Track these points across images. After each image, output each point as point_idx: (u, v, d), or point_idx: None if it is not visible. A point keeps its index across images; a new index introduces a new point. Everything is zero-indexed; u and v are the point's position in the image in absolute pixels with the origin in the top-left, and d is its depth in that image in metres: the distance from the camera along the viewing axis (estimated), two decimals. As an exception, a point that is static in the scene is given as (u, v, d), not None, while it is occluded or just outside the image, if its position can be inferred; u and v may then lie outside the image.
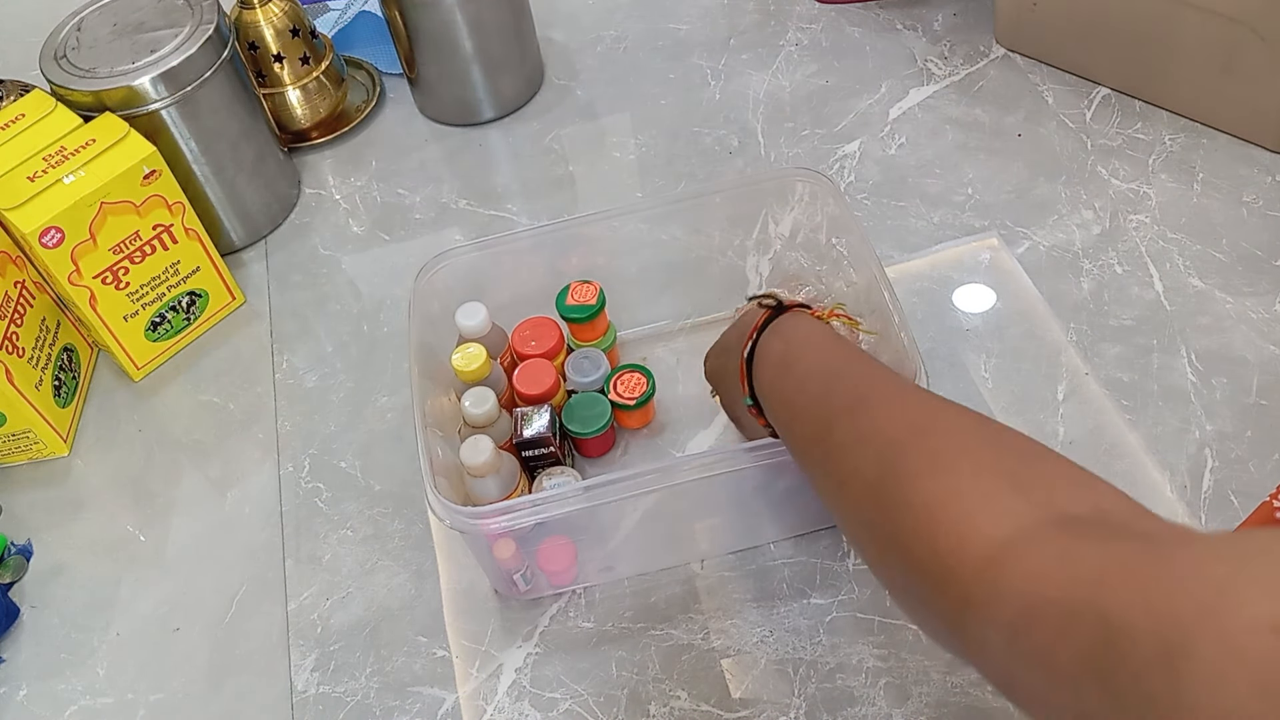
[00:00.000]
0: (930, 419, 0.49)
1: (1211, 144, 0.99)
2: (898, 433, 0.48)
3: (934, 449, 0.46)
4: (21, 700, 0.78)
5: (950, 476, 0.44)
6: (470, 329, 0.81)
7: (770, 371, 0.61)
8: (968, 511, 0.42)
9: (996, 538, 0.40)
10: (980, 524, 0.41)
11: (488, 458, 0.72)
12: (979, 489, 0.43)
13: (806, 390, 0.57)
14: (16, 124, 0.91)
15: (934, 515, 0.43)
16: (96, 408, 0.96)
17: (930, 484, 0.44)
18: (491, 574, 0.78)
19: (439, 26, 1.07)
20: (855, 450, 0.50)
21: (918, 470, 0.45)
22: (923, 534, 0.43)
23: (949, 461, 0.45)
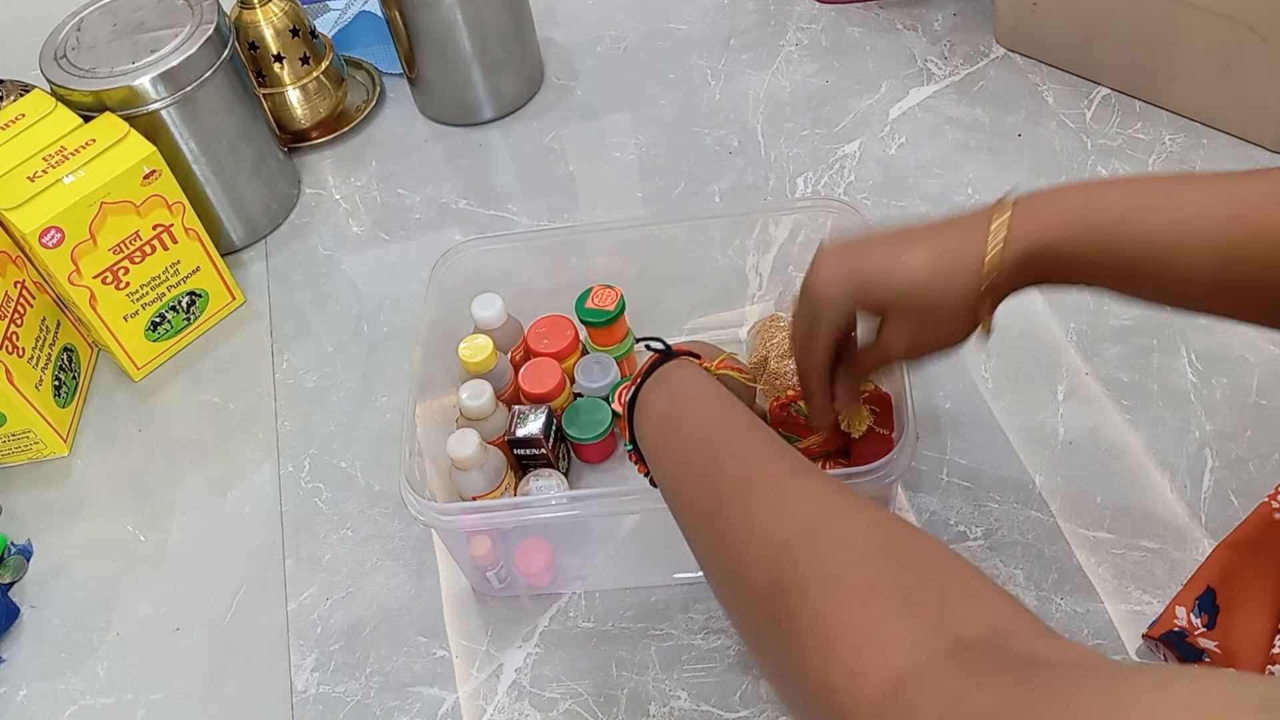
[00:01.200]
0: (821, 518, 0.45)
1: (1211, 144, 0.99)
2: (787, 533, 0.45)
3: (824, 559, 0.43)
4: (21, 700, 0.78)
5: (840, 597, 0.41)
6: (485, 320, 0.81)
7: (654, 426, 0.58)
8: (859, 642, 0.39)
9: (890, 674, 0.37)
10: (872, 657, 0.38)
11: (472, 452, 0.73)
12: (870, 612, 0.40)
13: (692, 460, 0.53)
14: (16, 124, 0.91)
15: (825, 643, 0.40)
16: (96, 408, 0.96)
17: (820, 604, 0.41)
18: (466, 569, 0.78)
19: (439, 26, 1.07)
20: (744, 549, 0.46)
21: (807, 584, 0.42)
22: (815, 664, 0.40)
23: (839, 575, 0.42)
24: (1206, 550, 0.71)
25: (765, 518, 0.47)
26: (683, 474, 0.54)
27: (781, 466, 0.50)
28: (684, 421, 0.56)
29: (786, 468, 0.50)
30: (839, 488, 0.48)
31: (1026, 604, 0.73)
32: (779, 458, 0.51)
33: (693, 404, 0.57)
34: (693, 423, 0.56)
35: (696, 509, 0.52)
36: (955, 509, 0.79)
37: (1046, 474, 0.79)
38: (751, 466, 0.50)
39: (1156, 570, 0.73)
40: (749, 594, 0.45)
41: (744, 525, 0.47)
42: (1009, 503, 0.78)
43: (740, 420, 0.55)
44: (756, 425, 0.54)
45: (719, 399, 0.57)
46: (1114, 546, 0.75)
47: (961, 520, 0.78)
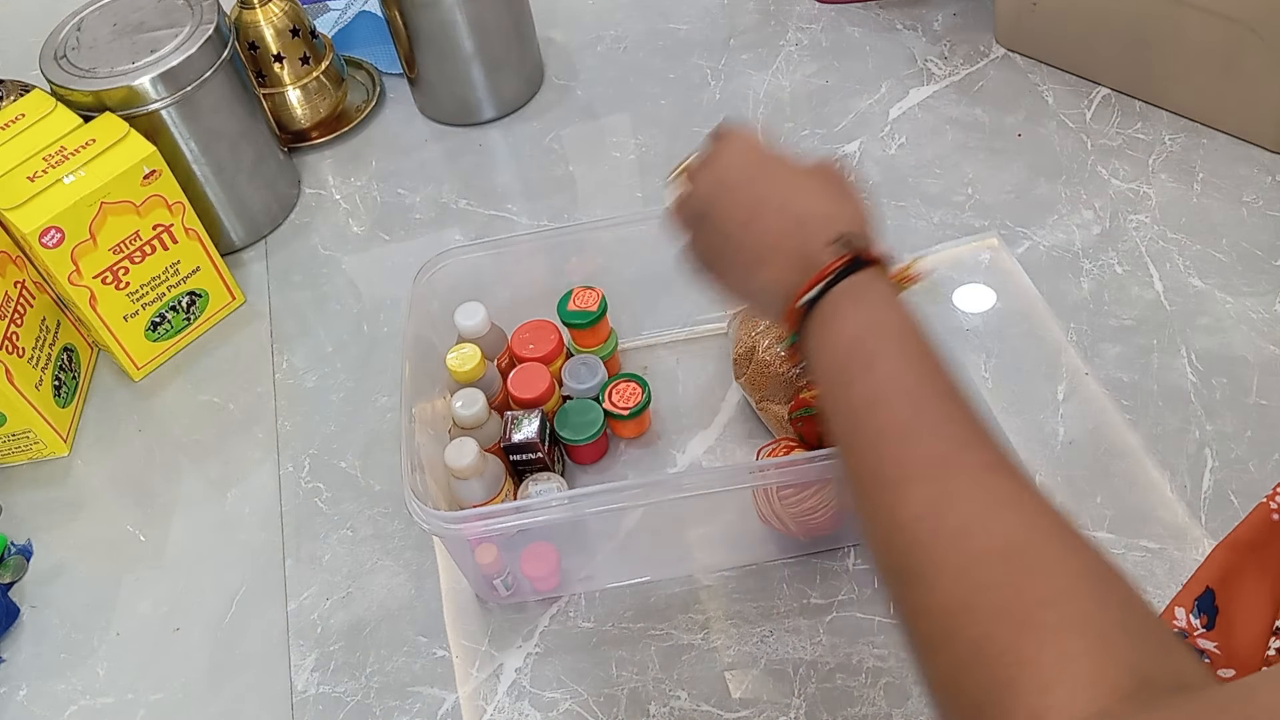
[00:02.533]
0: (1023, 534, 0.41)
1: (1211, 144, 0.99)
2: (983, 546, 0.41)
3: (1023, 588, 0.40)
4: (21, 700, 0.78)
5: (1035, 633, 0.38)
6: (469, 329, 0.81)
7: (840, 353, 0.50)
8: (1048, 683, 0.37)
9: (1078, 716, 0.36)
10: (1059, 699, 0.36)
11: (471, 460, 0.72)
12: (1061, 651, 0.37)
13: (880, 414, 0.47)
14: (16, 124, 0.91)
15: (1012, 680, 0.37)
16: (96, 408, 0.96)
17: (1013, 638, 0.38)
18: (472, 578, 0.78)
19: (439, 26, 1.07)
20: (930, 550, 0.42)
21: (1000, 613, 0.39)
22: (996, 698, 0.38)
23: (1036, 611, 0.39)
24: (1206, 550, 0.71)
25: (960, 517, 0.42)
26: (866, 423, 0.47)
27: (985, 457, 0.45)
28: (880, 359, 0.49)
29: (990, 459, 0.45)
30: (1038, 495, 0.43)
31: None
32: (982, 445, 0.45)
33: (894, 340, 0.49)
34: (890, 366, 0.48)
35: (875, 473, 0.46)
36: (955, 509, 0.78)
37: (1046, 474, 0.79)
38: (952, 447, 0.45)
39: (1156, 570, 0.73)
40: (928, 598, 0.42)
41: (933, 517, 0.43)
42: (1009, 503, 0.78)
43: (944, 382, 0.48)
44: (958, 392, 0.48)
45: (922, 344, 0.49)
46: (1114, 546, 0.75)
47: (961, 520, 0.78)
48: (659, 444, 0.86)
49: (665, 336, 0.92)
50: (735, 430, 0.86)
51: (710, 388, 0.88)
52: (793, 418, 0.77)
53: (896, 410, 0.47)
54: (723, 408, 0.87)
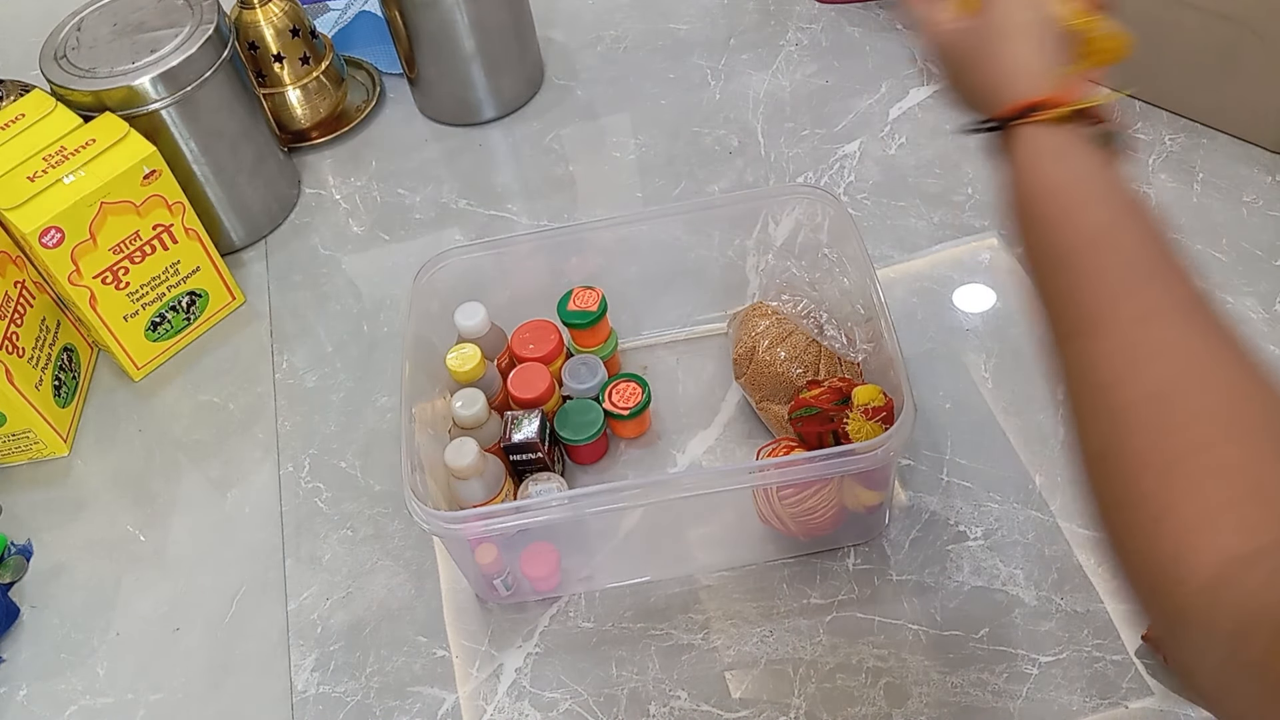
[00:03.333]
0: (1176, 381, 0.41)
1: (1211, 144, 0.99)
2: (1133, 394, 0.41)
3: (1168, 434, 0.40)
4: (21, 700, 0.78)
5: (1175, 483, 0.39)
6: (469, 329, 0.81)
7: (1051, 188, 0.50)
8: (1190, 526, 0.38)
9: (1223, 555, 0.37)
10: (1203, 540, 0.37)
11: (472, 460, 0.72)
12: (1206, 500, 0.38)
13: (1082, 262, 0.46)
14: (16, 124, 0.91)
15: (1153, 522, 0.39)
16: (96, 408, 0.96)
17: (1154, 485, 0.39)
18: (472, 578, 0.78)
19: (439, 26, 1.07)
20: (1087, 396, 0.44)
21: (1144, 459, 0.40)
22: (1141, 534, 0.39)
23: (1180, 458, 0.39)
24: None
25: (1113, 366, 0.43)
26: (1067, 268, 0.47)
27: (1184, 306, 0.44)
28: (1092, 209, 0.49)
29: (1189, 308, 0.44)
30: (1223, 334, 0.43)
31: (1026, 604, 0.74)
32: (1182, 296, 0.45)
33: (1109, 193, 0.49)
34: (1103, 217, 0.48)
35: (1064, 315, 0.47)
36: (955, 509, 0.79)
37: (1046, 474, 0.79)
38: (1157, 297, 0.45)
39: (1156, 570, 0.73)
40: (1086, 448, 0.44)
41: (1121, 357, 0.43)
42: (1009, 503, 0.78)
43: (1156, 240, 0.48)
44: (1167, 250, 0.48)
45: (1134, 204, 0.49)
46: (1114, 546, 0.75)
47: (961, 520, 0.78)
48: (659, 444, 0.86)
49: (665, 336, 0.92)
50: (735, 430, 0.86)
51: (710, 388, 0.88)
52: (793, 418, 0.77)
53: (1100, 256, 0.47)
54: (722, 408, 0.87)
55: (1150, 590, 0.39)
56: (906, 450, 0.82)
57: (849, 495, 0.74)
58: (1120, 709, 0.68)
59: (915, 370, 0.86)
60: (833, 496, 0.73)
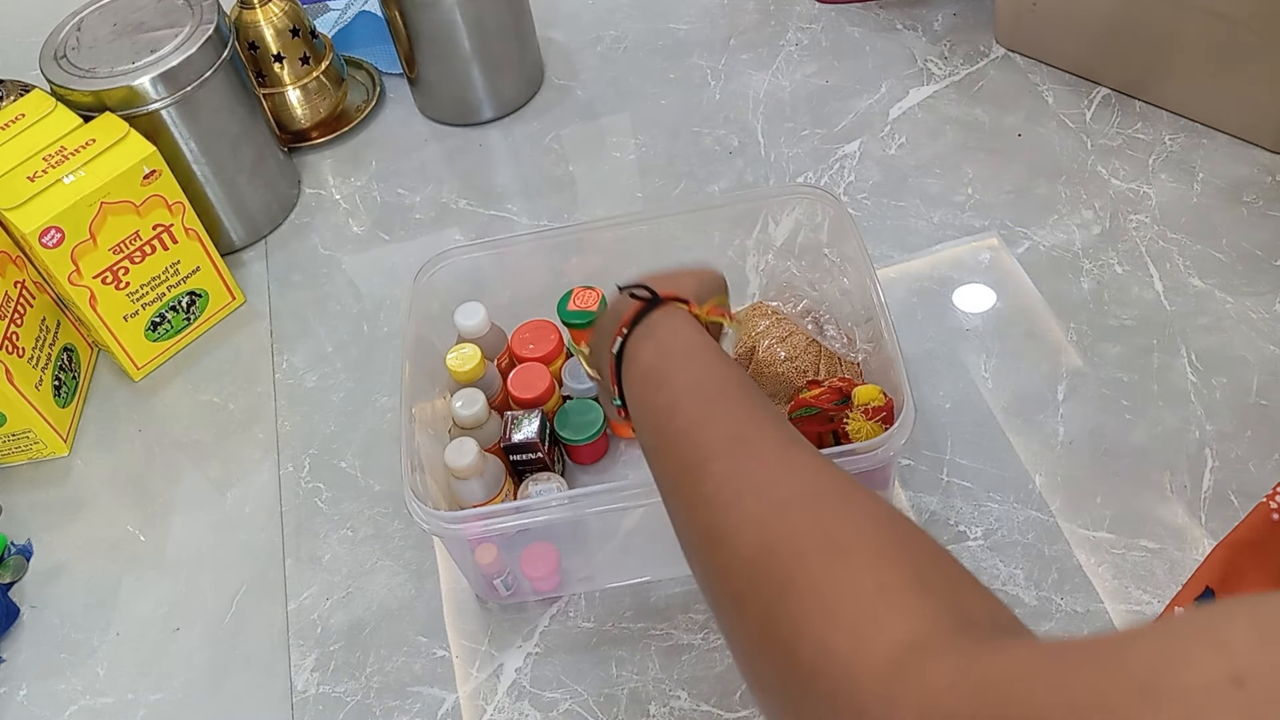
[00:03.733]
0: (822, 485, 0.42)
1: (1211, 144, 0.99)
2: (784, 495, 0.42)
3: (827, 524, 0.39)
4: (21, 700, 0.78)
5: (848, 562, 0.38)
6: (468, 329, 0.81)
7: (639, 382, 0.54)
8: (868, 609, 0.36)
9: (899, 640, 0.34)
10: (881, 624, 0.35)
11: (471, 460, 0.72)
12: (880, 580, 0.37)
13: (678, 415, 0.49)
14: (16, 124, 0.91)
15: (827, 608, 0.36)
16: (96, 408, 0.96)
17: (824, 569, 0.38)
18: (472, 578, 0.78)
19: (439, 26, 1.07)
20: (731, 507, 0.42)
21: (807, 549, 0.39)
22: (812, 630, 0.36)
23: (845, 542, 0.38)
24: (1206, 550, 0.71)
25: (760, 477, 0.43)
26: (666, 429, 0.49)
27: (778, 434, 0.46)
28: (672, 376, 0.52)
29: (784, 436, 0.46)
30: (830, 465, 0.44)
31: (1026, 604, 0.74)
32: (775, 425, 0.47)
33: (683, 357, 0.53)
34: (682, 378, 0.51)
35: (679, 465, 0.47)
36: (955, 509, 0.79)
37: (1046, 474, 0.79)
38: (747, 428, 0.47)
39: (1156, 570, 0.73)
40: (731, 555, 0.41)
41: (733, 482, 0.44)
42: (1009, 503, 0.78)
43: (735, 380, 0.51)
44: (751, 387, 0.51)
45: (711, 354, 0.53)
46: (1114, 546, 0.75)
47: (961, 520, 0.78)
48: (659, 444, 0.85)
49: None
50: (735, 430, 0.86)
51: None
52: (793, 418, 0.76)
53: (690, 410, 0.49)
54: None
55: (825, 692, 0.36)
56: (906, 450, 0.82)
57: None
58: (1120, 709, 0.68)
59: (915, 370, 0.86)
60: None
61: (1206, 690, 0.25)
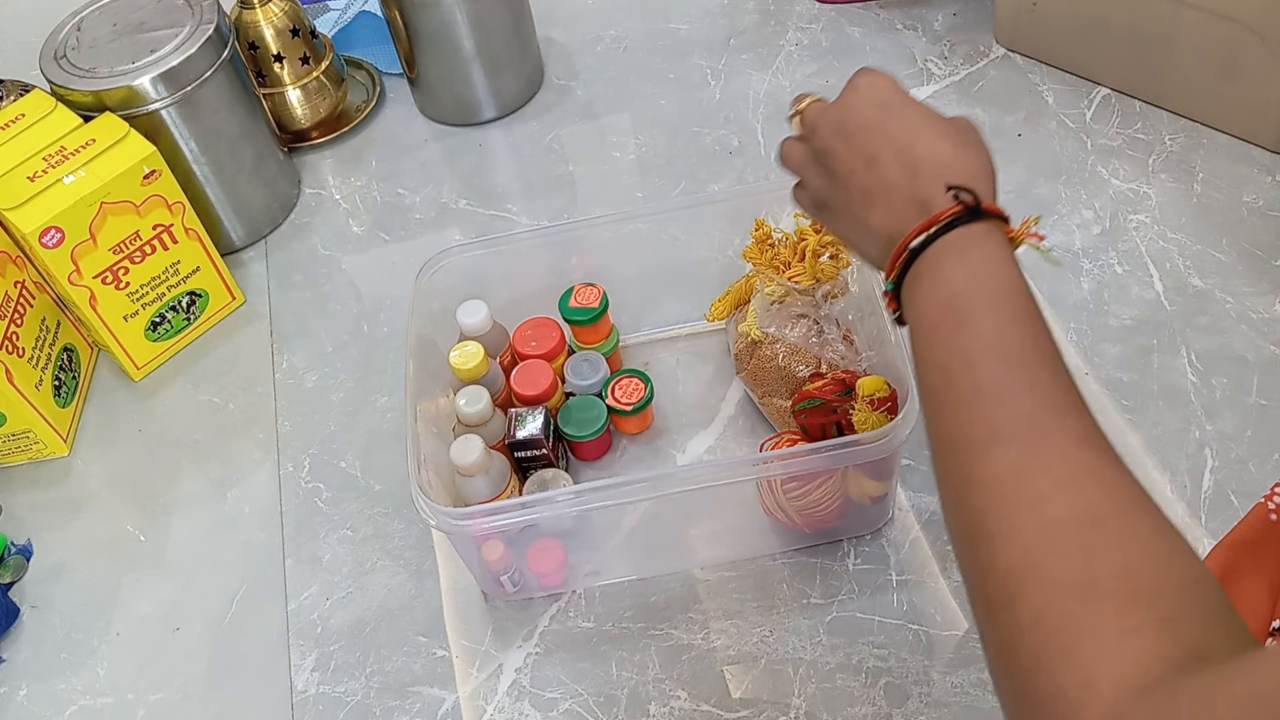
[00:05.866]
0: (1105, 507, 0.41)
1: (1211, 144, 0.99)
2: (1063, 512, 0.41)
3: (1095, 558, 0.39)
4: (21, 700, 0.78)
5: (1099, 603, 0.38)
6: (470, 327, 0.81)
7: (938, 308, 0.49)
8: (1103, 654, 0.37)
9: (1124, 685, 0.36)
10: (1111, 669, 0.36)
11: (477, 457, 0.73)
12: (1124, 624, 0.37)
13: (974, 373, 0.46)
14: (16, 124, 0.91)
15: (1067, 647, 0.37)
16: (96, 408, 0.96)
17: (1075, 606, 0.38)
18: (479, 575, 0.78)
19: (439, 26, 1.07)
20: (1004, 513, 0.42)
21: (1068, 580, 0.39)
22: (1049, 666, 0.38)
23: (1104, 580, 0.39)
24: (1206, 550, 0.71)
25: (1040, 485, 0.42)
26: (958, 381, 0.46)
27: (1076, 426, 0.44)
28: (978, 318, 0.47)
29: (1079, 429, 0.44)
30: (1121, 469, 0.42)
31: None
32: (1074, 413, 0.44)
33: (994, 298, 0.47)
34: (988, 326, 0.47)
35: (961, 431, 0.45)
36: (955, 509, 0.78)
37: (1046, 474, 0.79)
38: (1044, 413, 0.44)
39: (1156, 570, 0.73)
40: (992, 562, 0.41)
41: (1012, 483, 0.42)
42: (1009, 503, 0.78)
43: (1044, 344, 0.47)
44: (1058, 357, 0.47)
45: (1026, 304, 0.48)
46: (1114, 546, 0.75)
47: (961, 520, 0.78)
48: (660, 441, 0.86)
49: (667, 333, 0.92)
50: (737, 426, 0.86)
51: (711, 384, 0.89)
52: (796, 410, 0.77)
53: (989, 371, 0.45)
54: (723, 404, 0.87)
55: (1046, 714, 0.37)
56: (907, 450, 0.82)
57: (854, 486, 0.74)
58: (1120, 709, 0.68)
59: (915, 370, 0.86)
60: (837, 488, 0.73)
61: None
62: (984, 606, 0.42)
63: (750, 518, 0.78)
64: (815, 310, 0.81)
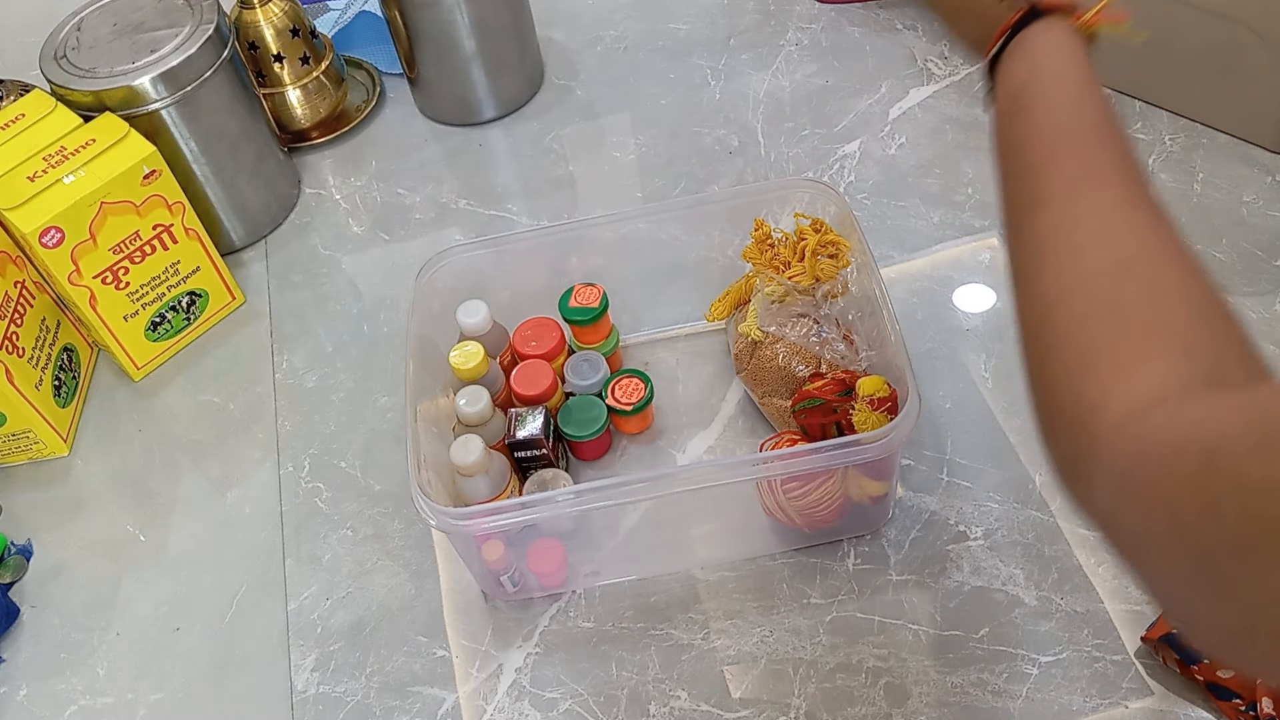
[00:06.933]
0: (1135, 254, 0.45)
1: (1211, 144, 0.99)
2: (1097, 261, 0.45)
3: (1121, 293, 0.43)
4: (21, 700, 0.78)
5: (1121, 326, 0.42)
6: (470, 327, 0.81)
7: (1005, 102, 0.54)
8: (1124, 367, 0.41)
9: (1140, 394, 0.39)
10: (1131, 380, 0.40)
11: (477, 457, 0.73)
12: (1144, 344, 0.41)
13: (1030, 149, 0.51)
14: (16, 124, 0.91)
15: (1089, 360, 0.42)
16: (96, 408, 0.96)
17: (1099, 328, 0.43)
18: (479, 575, 0.78)
19: (439, 26, 1.07)
20: (1047, 259, 0.47)
21: (1096, 311, 0.43)
22: (1071, 379, 0.42)
23: (1130, 310, 0.43)
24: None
25: (1081, 236, 0.46)
26: (1019, 158, 0.52)
27: (1118, 188, 0.48)
28: (1035, 106, 0.52)
29: (1122, 190, 0.48)
30: (1165, 224, 0.46)
31: (1026, 604, 0.74)
32: (1119, 176, 0.48)
33: (1049, 86, 0.53)
34: (1043, 107, 0.52)
35: (1019, 199, 0.51)
36: (955, 509, 0.79)
37: (1046, 474, 0.79)
38: (1090, 175, 0.48)
39: (1156, 570, 0.73)
40: (1033, 300, 0.47)
41: (1055, 235, 0.47)
42: (1009, 503, 0.78)
43: (1094, 118, 0.51)
44: (1109, 129, 0.51)
45: (1083, 84, 0.53)
46: (1114, 546, 0.75)
47: (961, 520, 0.78)
48: (660, 441, 0.86)
49: (667, 333, 0.92)
50: (737, 426, 0.86)
51: (711, 384, 0.89)
52: (796, 409, 0.77)
53: (1043, 144, 0.50)
54: (724, 404, 0.87)
55: (1067, 430, 0.42)
56: (907, 450, 0.82)
57: (854, 486, 0.74)
58: (1120, 709, 0.68)
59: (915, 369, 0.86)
60: (838, 488, 0.73)
61: None
62: (1025, 334, 0.47)
63: (750, 518, 0.78)
64: (815, 310, 0.81)
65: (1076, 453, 0.41)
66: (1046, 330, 0.45)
